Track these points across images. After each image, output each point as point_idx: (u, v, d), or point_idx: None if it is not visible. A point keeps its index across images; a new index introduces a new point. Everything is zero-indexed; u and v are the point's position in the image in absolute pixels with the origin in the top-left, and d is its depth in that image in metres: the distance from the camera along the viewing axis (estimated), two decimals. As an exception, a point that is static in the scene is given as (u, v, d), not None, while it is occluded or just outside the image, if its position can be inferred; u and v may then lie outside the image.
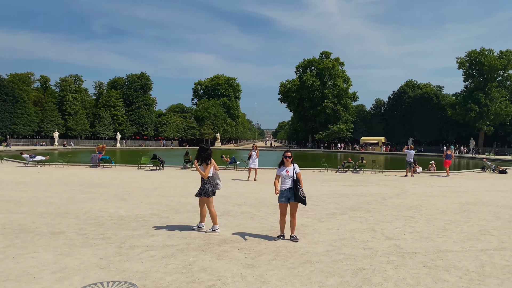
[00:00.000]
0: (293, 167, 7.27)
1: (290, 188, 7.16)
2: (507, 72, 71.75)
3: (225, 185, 16.07)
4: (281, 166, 7.29)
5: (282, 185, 7.22)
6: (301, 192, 7.17)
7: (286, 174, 7.19)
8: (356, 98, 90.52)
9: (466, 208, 11.31)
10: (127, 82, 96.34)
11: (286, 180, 7.19)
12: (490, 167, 25.81)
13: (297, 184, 7.18)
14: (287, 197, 7.16)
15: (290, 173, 7.22)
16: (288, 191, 7.16)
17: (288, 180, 7.18)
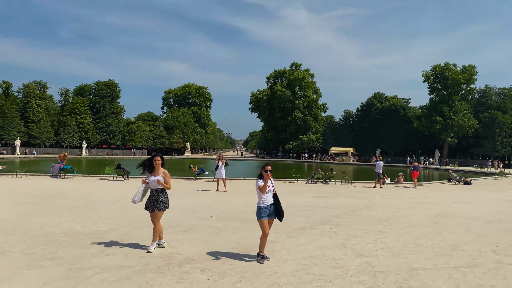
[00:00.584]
0: (271, 181, 6.78)
1: (272, 204, 6.69)
2: (470, 86, 74.38)
3: (192, 196, 15.54)
4: (261, 179, 6.69)
5: (264, 200, 6.63)
6: (282, 207, 6.79)
7: (267, 189, 6.64)
8: (325, 109, 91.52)
9: (436, 221, 11.21)
10: (94, 89, 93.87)
11: (268, 195, 6.68)
12: (456, 178, 26.30)
13: (278, 199, 6.79)
14: (270, 214, 6.66)
15: (271, 187, 6.74)
16: (271, 206, 6.67)
17: (270, 195, 6.70)
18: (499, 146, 71.24)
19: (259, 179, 6.68)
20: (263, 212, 6.58)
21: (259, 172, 6.76)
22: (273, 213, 6.70)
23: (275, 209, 6.70)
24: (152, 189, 7.24)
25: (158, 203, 7.15)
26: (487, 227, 10.36)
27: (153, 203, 7.17)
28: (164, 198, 7.24)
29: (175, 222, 10.01)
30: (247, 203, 14.05)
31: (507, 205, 15.50)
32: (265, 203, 6.60)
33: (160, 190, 7.22)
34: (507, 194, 20.28)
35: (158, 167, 7.23)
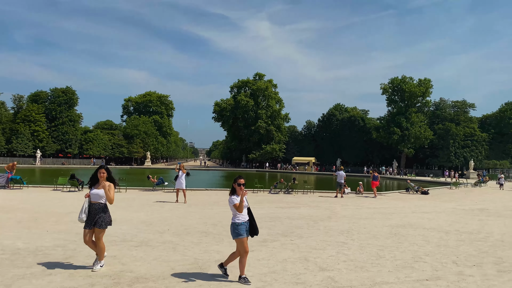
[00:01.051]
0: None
1: (248, 220, 6.10)
2: (425, 99, 77.46)
3: (149, 208, 14.88)
4: (234, 195, 5.98)
5: (241, 216, 5.97)
6: (256, 223, 6.28)
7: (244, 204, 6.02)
8: (288, 119, 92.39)
9: (396, 231, 11.21)
10: (50, 96, 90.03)
11: (244, 210, 6.06)
12: (414, 188, 26.92)
13: (252, 214, 6.23)
14: (247, 231, 6.08)
15: (245, 202, 6.06)
16: (247, 222, 6.08)
17: (245, 211, 6.08)
18: (452, 156, 74.32)
19: (232, 195, 5.99)
20: (241, 229, 5.95)
21: (231, 187, 6.11)
22: (248, 231, 6.11)
23: (250, 225, 6.14)
24: (93, 203, 6.53)
25: (97, 220, 6.48)
26: (446, 237, 10.43)
27: (93, 219, 6.50)
28: (105, 214, 6.61)
29: (128, 236, 9.42)
30: (207, 215, 13.58)
31: (463, 215, 15.88)
32: (242, 219, 5.98)
33: (101, 206, 6.56)
34: (462, 204, 20.89)
35: (102, 180, 6.51)
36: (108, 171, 6.65)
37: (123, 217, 12.35)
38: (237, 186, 6.00)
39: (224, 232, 10.25)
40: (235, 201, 5.90)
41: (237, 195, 5.98)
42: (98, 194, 6.49)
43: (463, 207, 19.16)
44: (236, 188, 6.01)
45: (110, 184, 6.56)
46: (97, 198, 6.51)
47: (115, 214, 12.99)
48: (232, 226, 6.04)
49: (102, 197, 6.50)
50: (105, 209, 6.63)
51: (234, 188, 6.04)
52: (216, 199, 19.22)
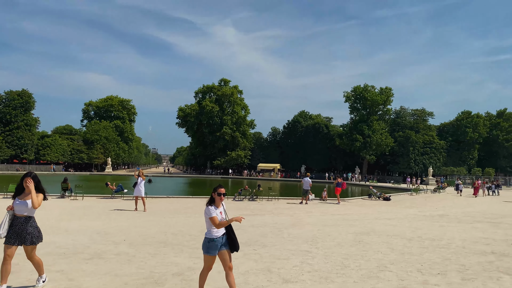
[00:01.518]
0: (223, 206, 5.56)
1: (224, 234, 5.50)
2: (386, 107, 79.56)
3: (106, 217, 14.11)
4: (212, 205, 5.34)
5: (215, 230, 5.33)
6: (236, 237, 5.60)
7: (220, 217, 5.35)
8: (253, 125, 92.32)
9: (360, 239, 11.08)
10: (4, 99, 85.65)
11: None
12: (376, 194, 27.27)
13: (231, 228, 5.58)
14: (223, 244, 5.42)
15: (224, 214, 5.47)
16: (223, 237, 5.46)
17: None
18: (412, 163, 76.57)
19: (210, 205, 5.35)
20: (212, 247, 5.35)
21: (210, 196, 5.49)
22: (226, 244, 5.46)
23: (229, 239, 5.48)
24: (17, 217, 5.70)
25: (26, 237, 5.72)
26: (409, 245, 10.39)
27: (18, 235, 5.70)
28: (33, 229, 5.86)
29: (80, 247, 8.75)
30: (167, 224, 13.01)
31: (424, 221, 16.07)
32: (216, 234, 5.34)
33: (26, 219, 5.74)
34: (423, 210, 21.27)
35: (29, 189, 5.65)
36: (36, 179, 5.83)
37: (77, 227, 11.60)
38: (216, 196, 5.37)
39: (185, 241, 9.77)
40: (213, 214, 5.24)
41: (215, 207, 5.34)
42: (24, 206, 5.69)
43: (424, 213, 19.47)
44: (216, 198, 5.38)
45: (39, 194, 5.79)
46: (22, 211, 5.71)
47: (68, 224, 12.24)
48: (204, 240, 5.43)
49: (29, 209, 5.71)
50: (33, 223, 5.85)
51: (213, 198, 5.41)
52: (178, 207, 18.61)
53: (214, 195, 5.39)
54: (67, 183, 21.75)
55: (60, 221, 12.82)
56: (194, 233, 11.19)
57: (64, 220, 12.93)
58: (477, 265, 8.17)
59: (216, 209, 5.32)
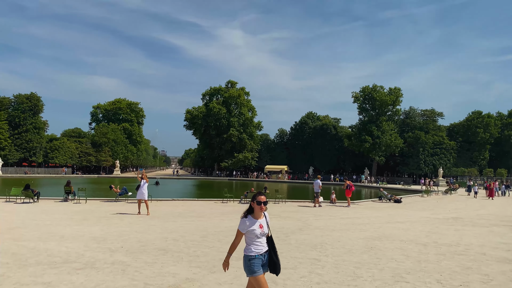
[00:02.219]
0: (265, 218, 4.75)
1: (267, 252, 4.63)
2: (396, 108, 78.44)
3: (107, 222, 13.61)
4: (249, 216, 4.61)
5: (255, 246, 4.55)
6: (278, 257, 4.75)
7: (260, 231, 4.54)
8: (260, 127, 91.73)
9: (372, 245, 10.44)
10: (13, 102, 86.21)
11: (260, 240, 4.60)
12: (387, 196, 26.53)
13: (273, 245, 4.72)
14: (263, 265, 4.60)
15: (265, 228, 4.65)
16: (265, 255, 4.60)
17: (263, 240, 4.63)
18: (422, 164, 75.41)
19: (246, 216, 4.61)
20: (256, 265, 4.51)
21: (248, 206, 4.72)
22: (267, 265, 4.64)
23: (269, 260, 4.65)
24: None
25: None
26: (425, 251, 9.74)
27: None
28: None
29: (73, 255, 8.23)
30: (169, 229, 12.47)
31: (438, 224, 15.36)
32: (257, 250, 4.53)
33: None
34: (436, 212, 20.52)
35: None
36: None
37: (74, 232, 11.11)
38: (256, 205, 4.60)
39: (185, 249, 9.21)
40: (243, 228, 4.54)
41: (253, 218, 4.60)
42: None
43: (437, 216, 18.74)
44: (255, 208, 4.61)
45: None
46: None
47: (65, 229, 11.76)
48: (244, 259, 4.62)
49: None
50: None
51: (252, 208, 4.65)
52: (182, 210, 18.09)
53: (253, 205, 4.62)
54: (70, 186, 21.35)
55: (58, 226, 12.34)
56: (196, 238, 10.64)
57: (62, 225, 12.45)
58: (501, 275, 7.50)
59: (254, 222, 4.56)
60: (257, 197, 4.61)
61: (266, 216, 4.76)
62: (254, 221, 4.57)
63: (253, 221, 4.57)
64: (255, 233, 4.51)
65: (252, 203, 4.64)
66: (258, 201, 4.58)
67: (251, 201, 4.66)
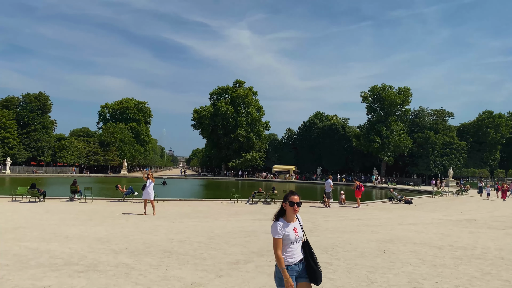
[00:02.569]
0: (298, 221, 4.22)
1: (302, 260, 4.10)
2: (405, 107, 77.55)
3: (112, 222, 13.36)
4: (281, 219, 4.08)
5: (287, 254, 3.99)
6: (318, 264, 4.16)
7: (294, 236, 4.02)
8: (268, 127, 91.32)
9: (385, 247, 10.06)
10: (22, 102, 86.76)
11: (294, 246, 4.04)
12: (397, 197, 26.03)
13: (311, 250, 4.17)
14: (300, 275, 4.05)
15: (299, 232, 4.13)
16: (300, 264, 4.06)
17: (297, 246, 4.09)
18: (432, 165, 74.49)
19: (277, 219, 4.09)
20: (290, 275, 3.94)
21: (279, 208, 4.19)
22: (305, 274, 4.07)
23: (308, 268, 4.08)
24: None
25: None
26: (440, 255, 9.34)
27: None
28: None
29: (75, 257, 7.96)
30: (175, 229, 12.19)
31: (451, 226, 14.92)
32: (290, 260, 3.99)
33: None
34: (448, 214, 20.03)
35: None
36: None
37: (78, 233, 10.86)
38: (288, 207, 4.07)
39: (191, 251, 8.91)
40: (277, 233, 3.99)
41: (285, 221, 4.07)
42: None
43: (450, 217, 18.27)
44: (287, 210, 4.09)
45: None
46: None
47: (70, 229, 11.52)
48: (275, 270, 4.07)
49: None
50: None
51: (283, 210, 4.12)
52: (189, 210, 17.80)
53: (285, 206, 4.09)
54: (76, 185, 21.18)
55: (62, 226, 12.11)
56: (202, 240, 10.34)
57: (66, 225, 12.22)
58: (524, 281, 7.09)
59: (287, 225, 4.03)
60: (289, 197, 4.08)
61: (299, 219, 4.24)
62: (287, 225, 4.04)
63: (286, 224, 4.04)
64: (289, 239, 3.98)
65: (283, 204, 4.12)
66: (291, 201, 4.04)
67: (283, 202, 4.14)
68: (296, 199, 4.05)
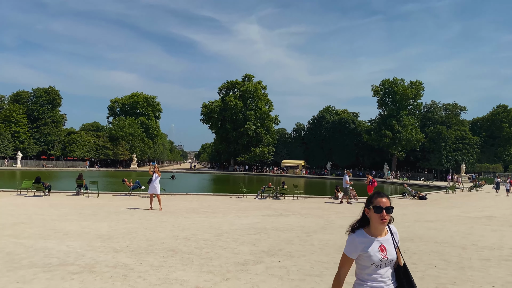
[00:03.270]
0: (391, 235, 2.92)
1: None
2: (417, 101, 76.10)
3: (116, 217, 12.82)
4: (360, 231, 2.85)
5: (372, 283, 2.78)
6: None
7: (380, 257, 2.77)
8: (277, 121, 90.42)
9: (405, 247, 9.36)
10: (32, 96, 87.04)
11: (381, 271, 2.79)
12: (411, 193, 25.22)
13: (410, 279, 2.88)
14: None
15: (390, 251, 2.82)
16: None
17: (386, 272, 2.81)
18: (444, 160, 73.16)
19: (354, 230, 2.87)
20: None
21: (360, 214, 2.93)
22: None
23: None
24: None
25: None
26: (465, 255, 8.62)
27: None
28: None
29: (72, 256, 7.40)
30: (181, 225, 11.60)
31: (471, 224, 14.14)
32: (376, 285, 2.78)
33: None
34: (466, 210, 19.20)
35: None
36: None
37: (79, 229, 10.33)
38: (373, 214, 2.80)
39: (197, 249, 8.31)
40: (352, 251, 2.80)
41: (368, 235, 2.82)
42: None
43: (468, 214, 17.45)
44: (372, 218, 2.82)
45: None
46: None
47: (71, 225, 11.00)
48: None
49: None
50: None
51: (366, 218, 2.88)
52: (196, 205, 17.23)
53: (369, 212, 2.82)
54: (82, 179, 20.75)
55: (64, 221, 11.60)
56: (209, 237, 9.74)
57: (68, 221, 11.70)
58: None
59: (369, 240, 2.78)
60: (374, 200, 2.81)
61: (393, 231, 2.94)
62: (371, 240, 2.78)
63: (368, 239, 2.78)
64: (373, 260, 2.74)
65: (366, 210, 2.86)
66: (377, 206, 2.77)
67: (365, 207, 2.88)
68: (384, 202, 2.78)
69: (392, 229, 2.93)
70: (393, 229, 2.95)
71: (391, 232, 2.91)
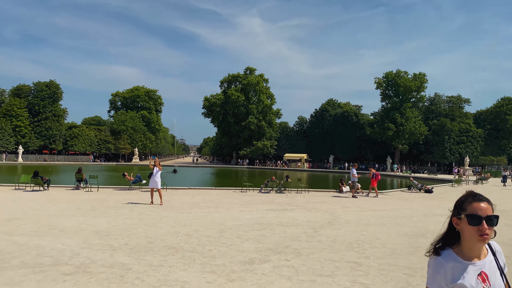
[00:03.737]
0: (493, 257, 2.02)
1: None
2: (420, 94, 75.31)
3: (115, 213, 12.37)
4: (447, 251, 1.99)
5: None
6: None
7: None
8: (280, 115, 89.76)
9: (418, 243, 8.90)
10: (33, 90, 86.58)
11: None
12: (417, 186, 24.73)
13: None
14: None
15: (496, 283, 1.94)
16: None
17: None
18: (448, 152, 72.57)
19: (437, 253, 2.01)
20: None
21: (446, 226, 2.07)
22: None
23: None
24: None
25: None
26: (483, 252, 8.14)
27: None
28: None
29: (66, 255, 6.95)
30: (183, 221, 11.16)
31: (483, 218, 13.64)
32: None
33: None
34: (475, 204, 18.68)
35: None
36: None
37: (76, 225, 9.90)
38: (466, 227, 1.92)
39: (199, 247, 7.86)
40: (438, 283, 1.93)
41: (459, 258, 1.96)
42: None
43: (478, 208, 16.94)
44: (465, 233, 1.94)
45: None
46: None
47: (68, 221, 10.56)
48: None
49: None
50: None
51: (454, 231, 2.01)
52: (198, 200, 16.79)
53: (460, 225, 1.98)
54: (81, 173, 20.32)
55: (61, 217, 11.17)
56: (212, 234, 9.29)
57: (66, 216, 11.28)
58: None
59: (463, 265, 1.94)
60: (468, 205, 1.97)
61: (495, 249, 2.08)
62: (465, 266, 1.94)
63: (461, 264, 1.95)
64: None
65: (454, 219, 2.02)
66: (473, 215, 1.92)
67: (453, 216, 2.04)
68: (485, 209, 1.93)
69: (493, 247, 2.06)
70: (495, 246, 2.07)
71: (492, 251, 2.04)
